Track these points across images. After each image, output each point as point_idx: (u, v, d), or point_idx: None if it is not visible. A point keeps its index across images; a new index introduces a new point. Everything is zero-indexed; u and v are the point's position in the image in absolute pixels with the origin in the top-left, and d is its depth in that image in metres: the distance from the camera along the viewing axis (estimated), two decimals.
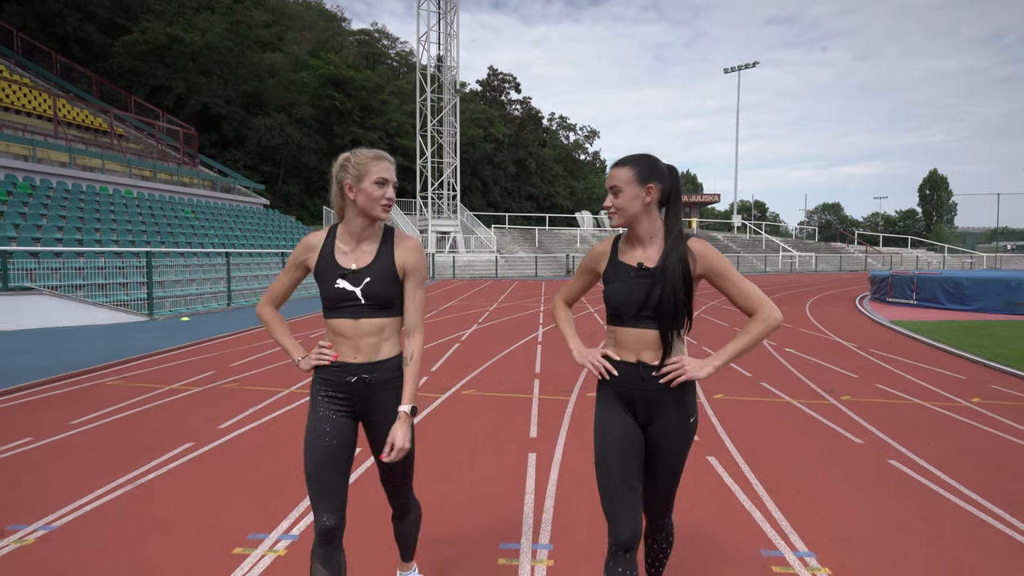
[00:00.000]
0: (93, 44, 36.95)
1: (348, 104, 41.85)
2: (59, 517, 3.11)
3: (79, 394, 5.76)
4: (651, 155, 1.88)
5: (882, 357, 7.92)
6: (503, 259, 34.15)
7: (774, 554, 2.76)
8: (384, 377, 1.96)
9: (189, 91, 37.98)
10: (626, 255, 1.92)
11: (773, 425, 4.80)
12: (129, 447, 4.22)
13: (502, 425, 4.79)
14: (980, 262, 46.52)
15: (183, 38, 37.62)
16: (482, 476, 3.72)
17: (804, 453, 4.14)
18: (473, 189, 49.28)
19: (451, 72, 34.98)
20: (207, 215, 23.63)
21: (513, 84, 60.91)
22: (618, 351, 1.90)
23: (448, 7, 34.60)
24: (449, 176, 34.88)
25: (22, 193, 16.48)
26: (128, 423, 4.82)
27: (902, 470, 3.81)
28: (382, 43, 56.01)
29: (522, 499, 3.35)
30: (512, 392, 5.90)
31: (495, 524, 3.05)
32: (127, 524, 3.04)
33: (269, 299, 2.12)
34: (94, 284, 12.58)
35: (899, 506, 3.28)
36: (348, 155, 1.96)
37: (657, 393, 1.86)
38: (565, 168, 63.58)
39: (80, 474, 3.71)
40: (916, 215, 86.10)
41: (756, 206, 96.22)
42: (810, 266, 43.16)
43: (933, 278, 15.10)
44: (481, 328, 10.77)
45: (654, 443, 1.91)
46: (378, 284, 1.91)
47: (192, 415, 5.05)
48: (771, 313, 1.80)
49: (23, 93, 25.49)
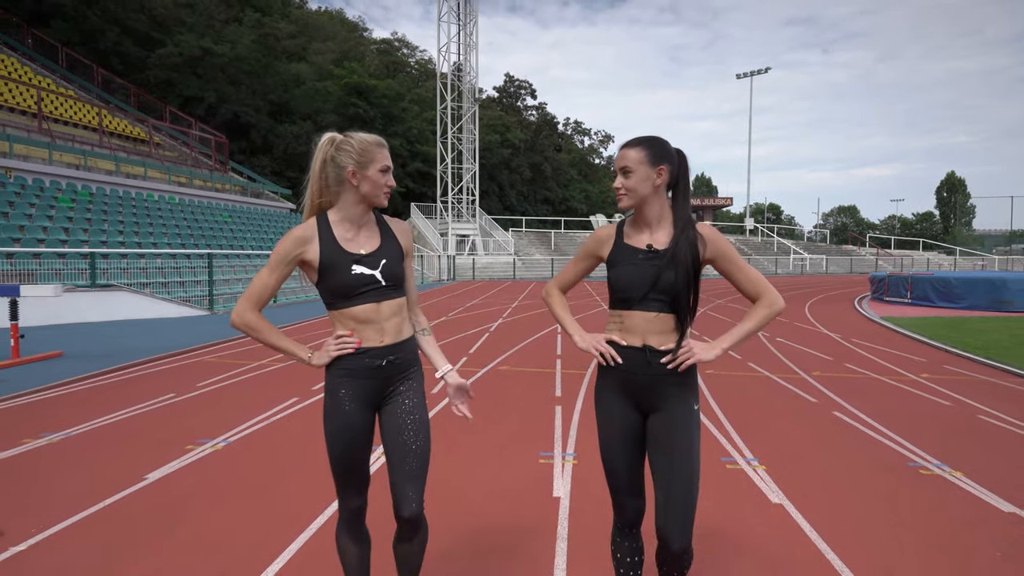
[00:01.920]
0: (130, 57, 38.85)
1: (371, 112, 43.47)
2: (234, 434, 4.41)
3: (189, 367, 7.10)
4: (661, 137, 1.88)
5: (859, 345, 9.05)
6: (520, 261, 35.43)
7: (728, 459, 3.98)
8: (409, 356, 1.99)
9: (220, 101, 39.77)
10: (632, 238, 1.91)
11: (750, 391, 6.00)
12: (252, 399, 5.51)
13: (533, 388, 6.04)
14: (992, 264, 46.89)
15: (214, 50, 39.41)
16: (522, 418, 4.96)
17: (769, 408, 5.33)
18: (490, 193, 50.67)
19: (470, 81, 36.34)
20: (242, 219, 25.18)
21: (529, 90, 62.30)
22: (624, 335, 1.89)
23: (467, 19, 35.98)
24: (468, 181, 36.24)
25: (83, 200, 18.03)
26: (240, 386, 6.13)
27: (841, 418, 5.00)
28: (402, 51, 57.65)
29: (552, 431, 4.59)
30: (539, 367, 7.16)
31: (535, 441, 4.30)
32: (274, 442, 4.34)
33: (251, 302, 1.89)
34: (157, 282, 14.06)
35: (829, 436, 4.47)
36: (344, 138, 1.88)
37: (662, 378, 1.85)
38: (580, 172, 64.83)
39: (226, 414, 5.02)
40: (933, 218, 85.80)
41: (770, 209, 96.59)
42: (820, 268, 43.93)
43: (926, 278, 16.11)
44: (505, 321, 12.04)
45: (657, 429, 1.88)
46: (394, 264, 1.93)
47: (288, 381, 6.34)
48: (775, 299, 1.85)
49: (69, 105, 27.17)
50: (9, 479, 3.62)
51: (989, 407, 5.33)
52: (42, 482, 3.58)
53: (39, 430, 4.57)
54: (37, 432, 4.53)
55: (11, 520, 3.04)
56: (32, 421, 4.83)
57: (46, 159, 19.67)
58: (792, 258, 44.08)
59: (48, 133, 22.48)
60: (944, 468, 3.83)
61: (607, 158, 74.42)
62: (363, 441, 1.94)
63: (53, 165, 19.65)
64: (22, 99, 24.64)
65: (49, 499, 3.32)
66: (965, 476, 3.69)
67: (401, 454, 1.94)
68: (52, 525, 3.00)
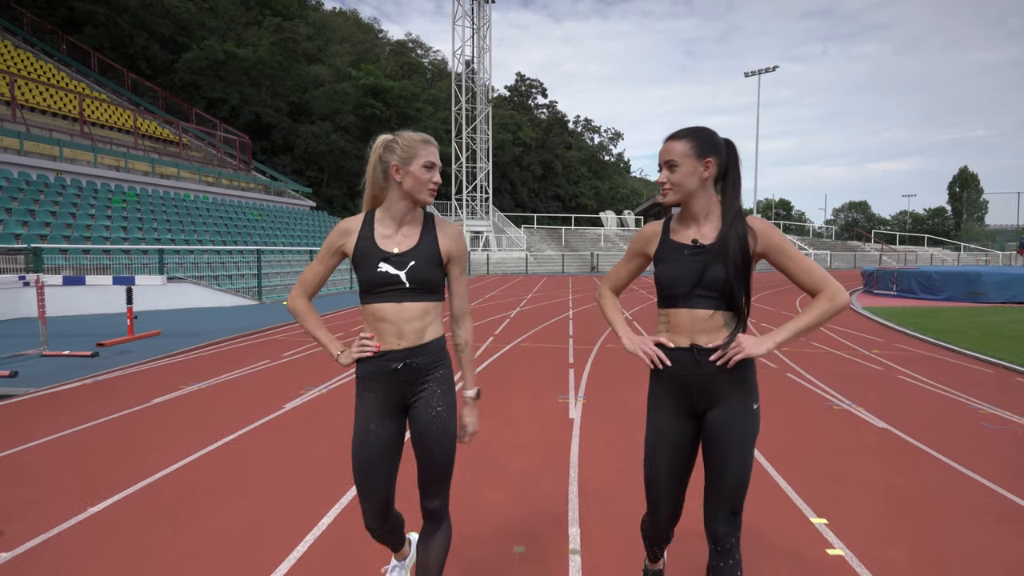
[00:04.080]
0: (157, 60, 40.58)
1: (387, 112, 45.00)
2: (334, 382, 5.89)
3: (262, 344, 8.62)
4: (708, 128, 1.81)
5: (831, 329, 10.43)
6: (532, 257, 36.87)
7: None
8: (429, 360, 1.95)
9: (242, 102, 41.46)
10: (678, 234, 1.87)
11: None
12: (324, 367, 7.00)
13: (551, 357, 7.50)
14: (996, 260, 47.76)
15: (238, 54, 41.05)
16: (545, 376, 6.42)
17: None
18: (502, 190, 52.15)
19: (484, 84, 37.75)
20: (269, 217, 26.77)
21: (540, 89, 63.61)
22: (671, 336, 1.86)
23: (481, 22, 37.36)
24: (482, 180, 37.68)
25: (132, 200, 19.65)
26: (308, 359, 7.62)
27: (791, 378, 6.42)
28: (416, 52, 59.15)
29: (567, 383, 6.04)
30: (555, 344, 8.62)
31: (556, 389, 5.76)
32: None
33: (302, 290, 2.04)
34: (210, 275, 15.65)
35: (776, 389, 5.89)
36: (393, 136, 1.93)
37: (714, 377, 1.81)
38: (590, 169, 66.15)
39: (318, 371, 6.51)
40: (945, 213, 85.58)
41: (780, 205, 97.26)
42: (825, 264, 45.01)
43: (910, 272, 17.40)
44: (523, 310, 13.51)
45: (713, 429, 1.84)
46: (423, 268, 1.91)
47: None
48: (838, 292, 1.74)
49: (104, 109, 28.77)
50: (180, 411, 5.14)
51: (911, 371, 6.74)
52: (206, 413, 5.09)
53: (190, 380, 6.09)
54: (188, 382, 6.04)
55: (196, 434, 4.55)
56: (183, 374, 6.34)
57: (91, 161, 21.21)
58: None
59: (89, 137, 24.08)
60: (852, 406, 5.26)
61: (616, 155, 75.66)
62: (381, 449, 1.95)
63: (98, 168, 21.23)
64: (63, 104, 26.27)
65: (228, 419, 4.83)
66: (865, 410, 5.12)
67: (425, 459, 1.98)
68: (232, 432, 4.50)
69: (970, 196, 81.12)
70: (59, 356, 7.17)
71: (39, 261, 11.27)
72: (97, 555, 2.72)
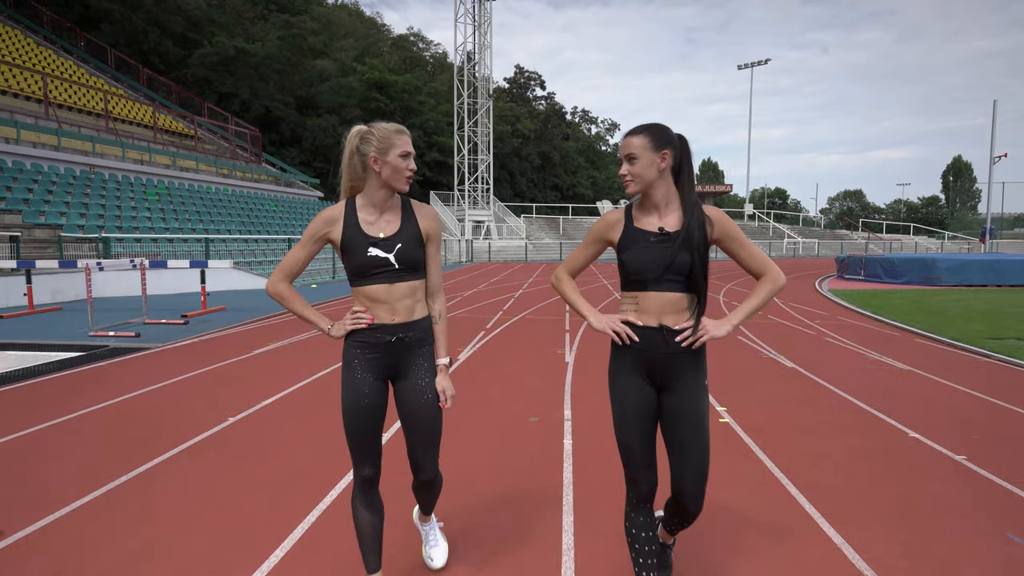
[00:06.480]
0: (169, 56, 41.96)
1: (391, 106, 46.52)
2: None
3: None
4: (662, 124, 1.95)
5: (789, 305, 12.17)
6: (531, 245, 38.57)
7: None
8: (420, 336, 2.14)
9: (252, 96, 42.92)
10: (642, 222, 1.99)
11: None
12: None
13: (550, 325, 9.25)
14: (976, 248, 49.50)
15: (247, 50, 42.44)
16: (545, 337, 8.15)
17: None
18: (502, 180, 53.78)
19: (484, 78, 39.24)
20: (283, 207, 28.39)
21: (538, 81, 65.00)
22: (640, 316, 1.98)
23: (483, 19, 38.79)
24: (483, 172, 39.28)
25: (164, 193, 21.28)
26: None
27: (743, 340, 8.15)
28: (417, 46, 60.48)
29: (564, 341, 7.78)
30: (553, 316, 10.36)
31: (554, 345, 7.49)
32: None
33: (283, 275, 2.14)
34: (242, 261, 17.35)
35: (728, 353, 7.63)
36: (368, 128, 2.05)
37: (678, 356, 1.97)
38: (587, 159, 67.75)
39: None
40: (939, 202, 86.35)
41: (776, 194, 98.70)
42: (813, 252, 46.77)
43: (876, 259, 19.14)
44: (524, 292, 15.26)
45: (672, 404, 2.00)
46: (409, 249, 2.06)
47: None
48: (777, 275, 1.99)
49: (123, 104, 30.13)
50: (272, 361, 6.87)
51: (837, 334, 8.49)
52: (288, 362, 6.83)
53: (266, 342, 7.82)
54: (265, 343, 7.77)
55: (281, 379, 6.29)
56: (261, 337, 8.06)
57: (119, 156, 22.65)
58: (785, 242, 46.95)
59: (114, 132, 25.53)
60: (778, 356, 7.02)
61: (613, 145, 77.12)
62: (373, 412, 2.10)
63: (125, 162, 22.73)
64: (87, 100, 27.70)
65: (300, 369, 6.56)
66: (785, 358, 6.87)
67: (414, 430, 2.16)
68: (303, 379, 6.23)
69: (963, 185, 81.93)
70: (158, 324, 8.90)
71: (108, 248, 12.95)
72: (216, 466, 4.47)
